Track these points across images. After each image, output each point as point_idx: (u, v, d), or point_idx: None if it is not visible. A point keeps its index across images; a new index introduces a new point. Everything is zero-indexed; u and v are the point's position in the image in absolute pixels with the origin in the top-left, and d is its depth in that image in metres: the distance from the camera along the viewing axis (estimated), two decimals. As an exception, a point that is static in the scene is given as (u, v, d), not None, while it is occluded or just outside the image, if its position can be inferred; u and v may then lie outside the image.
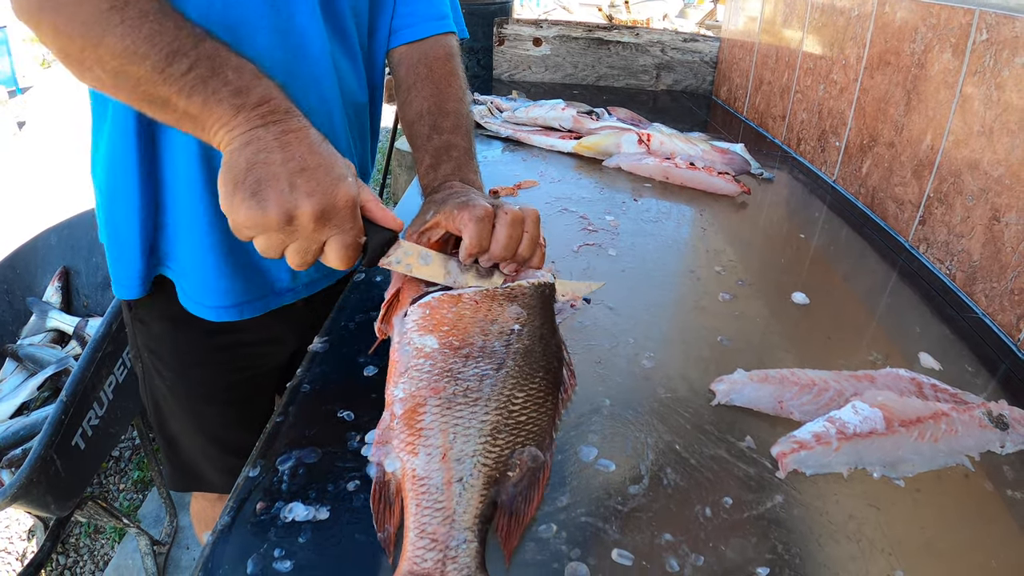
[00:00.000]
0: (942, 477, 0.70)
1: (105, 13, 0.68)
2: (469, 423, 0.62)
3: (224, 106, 0.67)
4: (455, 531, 0.55)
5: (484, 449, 0.61)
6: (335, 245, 0.67)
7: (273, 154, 0.65)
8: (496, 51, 2.42)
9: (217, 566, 0.55)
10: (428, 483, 0.58)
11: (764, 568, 0.57)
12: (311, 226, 0.65)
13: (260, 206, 0.64)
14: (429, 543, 0.55)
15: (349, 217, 0.67)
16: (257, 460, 0.65)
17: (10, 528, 2.17)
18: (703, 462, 0.68)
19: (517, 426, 0.64)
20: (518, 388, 0.66)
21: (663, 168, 1.43)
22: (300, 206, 0.64)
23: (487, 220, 0.76)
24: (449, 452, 0.60)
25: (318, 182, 0.65)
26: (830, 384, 0.77)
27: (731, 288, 1.02)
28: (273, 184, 0.64)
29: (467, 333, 0.70)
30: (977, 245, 1.09)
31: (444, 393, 0.64)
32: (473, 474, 0.59)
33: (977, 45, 1.11)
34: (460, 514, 0.56)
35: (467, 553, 0.54)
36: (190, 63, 0.67)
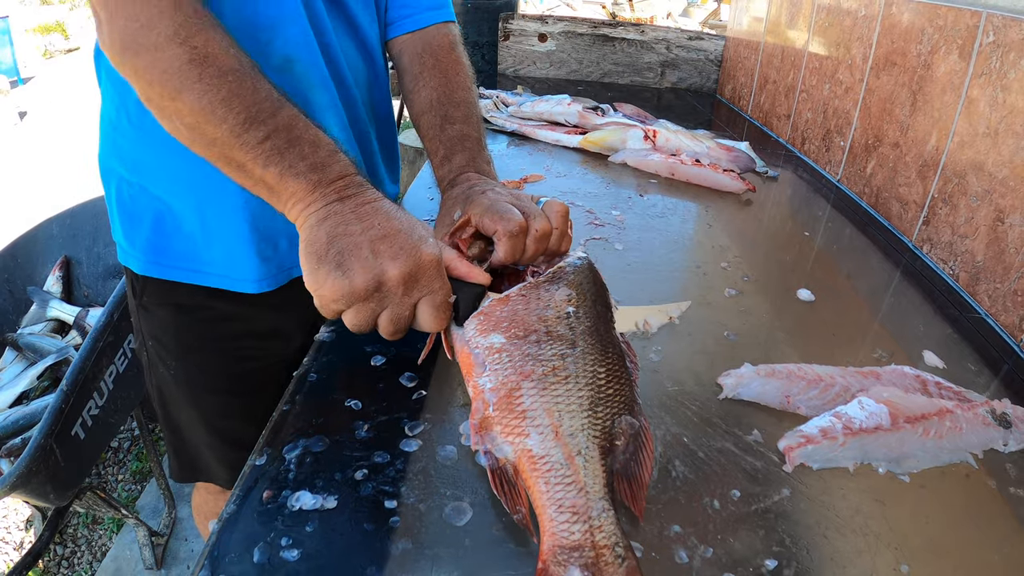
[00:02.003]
0: (946, 474, 0.70)
1: (185, 66, 0.68)
2: (569, 399, 0.63)
3: (301, 181, 0.68)
4: (592, 501, 0.56)
5: (590, 422, 0.62)
6: (426, 307, 0.67)
7: (352, 225, 0.66)
8: (501, 46, 2.42)
9: (223, 554, 0.55)
10: (551, 460, 0.59)
11: (772, 560, 0.57)
12: (399, 290, 0.65)
13: (346, 276, 0.64)
14: (571, 516, 0.55)
15: (436, 276, 0.67)
16: (264, 448, 0.65)
17: (8, 518, 2.17)
18: (711, 455, 0.68)
19: (608, 398, 0.65)
20: (599, 364, 0.67)
21: (669, 164, 1.43)
22: (386, 271, 0.64)
23: (521, 235, 0.77)
24: (560, 429, 0.61)
25: (400, 246, 0.65)
26: (836, 380, 0.78)
27: (737, 284, 1.02)
28: (356, 253, 0.64)
29: (527, 324, 0.70)
30: (981, 246, 1.09)
31: (535, 375, 0.65)
32: (589, 446, 0.60)
33: (984, 47, 1.11)
34: (591, 485, 0.57)
35: (609, 520, 0.55)
36: (267, 132, 0.68)
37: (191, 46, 0.68)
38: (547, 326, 0.70)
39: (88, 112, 0.98)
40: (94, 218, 2.16)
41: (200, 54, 0.68)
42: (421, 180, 1.31)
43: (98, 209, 2.16)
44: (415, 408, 0.71)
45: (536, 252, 0.79)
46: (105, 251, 2.16)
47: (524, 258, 0.79)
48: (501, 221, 0.76)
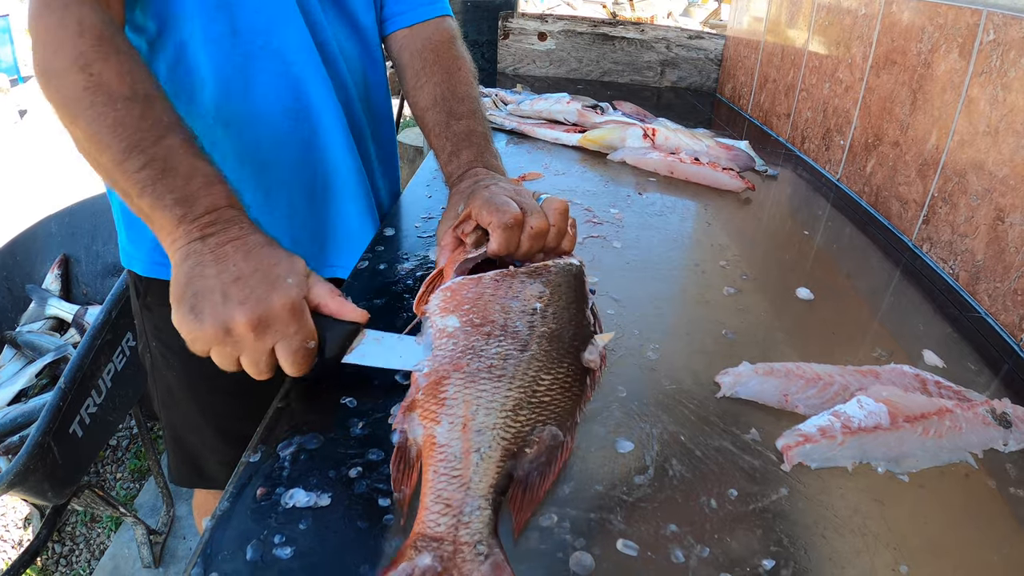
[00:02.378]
0: (945, 473, 0.70)
1: (80, 93, 0.70)
2: (492, 397, 0.63)
3: (167, 214, 0.68)
4: (469, 498, 0.56)
5: (504, 423, 0.62)
6: (282, 352, 0.65)
7: (208, 267, 0.65)
8: (501, 45, 2.41)
9: (216, 551, 0.54)
10: (447, 451, 0.59)
11: (769, 560, 0.57)
12: (249, 335, 0.63)
13: (198, 320, 0.63)
14: (444, 508, 0.56)
15: (290, 321, 0.64)
16: (258, 446, 0.65)
17: (6, 516, 2.17)
18: (708, 454, 0.67)
19: (540, 405, 0.64)
20: (544, 371, 0.67)
21: (668, 163, 1.42)
22: (234, 317, 0.63)
23: (515, 228, 0.77)
24: (470, 423, 0.61)
25: (251, 289, 0.64)
26: (835, 378, 0.77)
27: (735, 282, 1.02)
28: (208, 297, 0.64)
29: (488, 311, 0.71)
30: (981, 245, 1.09)
31: (467, 368, 0.66)
32: (491, 446, 0.60)
33: (984, 46, 1.11)
34: (476, 483, 0.57)
35: (480, 520, 0.55)
36: (144, 161, 0.68)
37: (88, 73, 0.70)
38: (507, 319, 0.71)
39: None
40: (93, 216, 2.16)
41: (95, 82, 0.70)
42: (419, 178, 1.31)
43: (97, 207, 2.16)
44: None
45: (531, 248, 0.79)
46: (104, 249, 2.16)
47: (520, 253, 0.79)
48: (496, 213, 0.76)
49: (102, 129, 0.69)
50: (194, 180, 0.69)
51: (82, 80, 0.70)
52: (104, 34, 0.73)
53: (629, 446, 0.67)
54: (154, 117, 0.71)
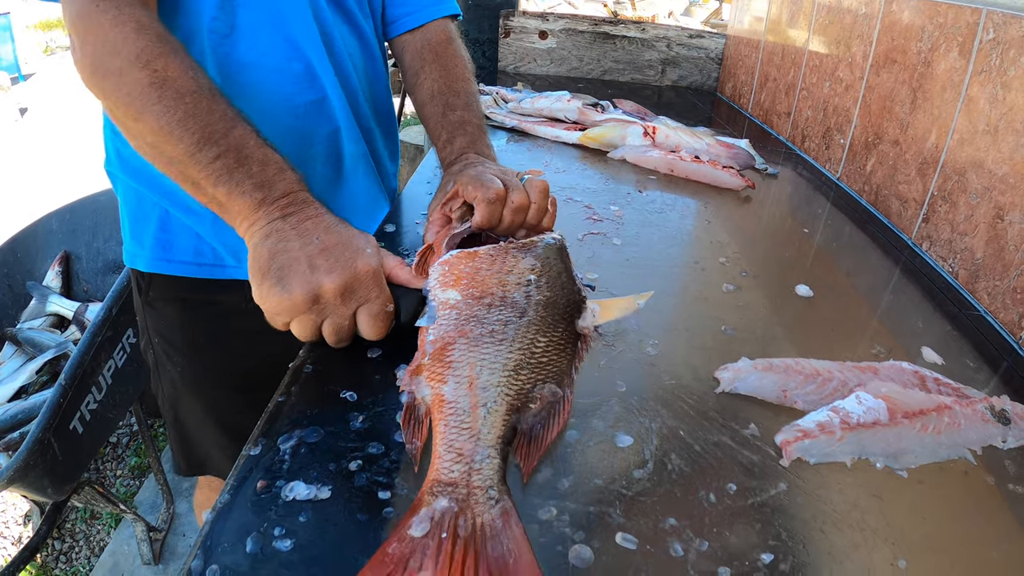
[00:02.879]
0: (944, 469, 0.70)
1: (146, 89, 0.72)
2: (495, 359, 0.69)
3: (247, 199, 0.72)
4: (479, 448, 0.61)
5: (507, 381, 0.67)
6: (364, 315, 0.70)
7: (292, 241, 0.69)
8: (502, 43, 2.41)
9: (216, 544, 0.54)
10: (456, 406, 0.64)
11: (768, 554, 0.57)
12: (337, 301, 0.68)
13: (286, 290, 0.67)
14: (456, 456, 0.60)
15: (373, 286, 0.70)
16: (258, 439, 0.65)
17: (6, 513, 2.17)
18: (707, 448, 0.67)
19: (539, 365, 0.70)
20: (541, 334, 0.73)
21: (668, 161, 1.42)
22: (323, 283, 0.67)
23: (498, 202, 0.83)
24: (475, 382, 0.66)
25: (336, 259, 0.68)
26: (834, 374, 0.77)
27: (735, 279, 1.02)
28: (295, 267, 0.68)
29: (486, 284, 0.76)
30: (980, 243, 1.09)
31: (471, 334, 0.71)
32: (496, 401, 0.65)
33: (984, 44, 1.11)
34: (484, 434, 0.62)
35: (490, 467, 0.59)
36: (219, 151, 0.72)
37: (152, 69, 0.72)
38: (504, 290, 0.76)
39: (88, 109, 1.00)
40: (94, 213, 2.16)
41: (160, 77, 0.72)
42: (420, 175, 1.31)
43: (98, 205, 2.16)
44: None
45: (513, 222, 0.85)
46: (104, 246, 2.16)
47: (501, 227, 0.86)
48: (481, 189, 0.83)
49: (172, 122, 0.71)
50: (269, 167, 0.73)
51: (146, 76, 0.72)
52: (161, 32, 0.75)
53: (628, 440, 0.67)
54: (221, 110, 0.74)
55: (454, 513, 0.54)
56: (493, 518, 0.55)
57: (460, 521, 0.54)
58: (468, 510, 0.55)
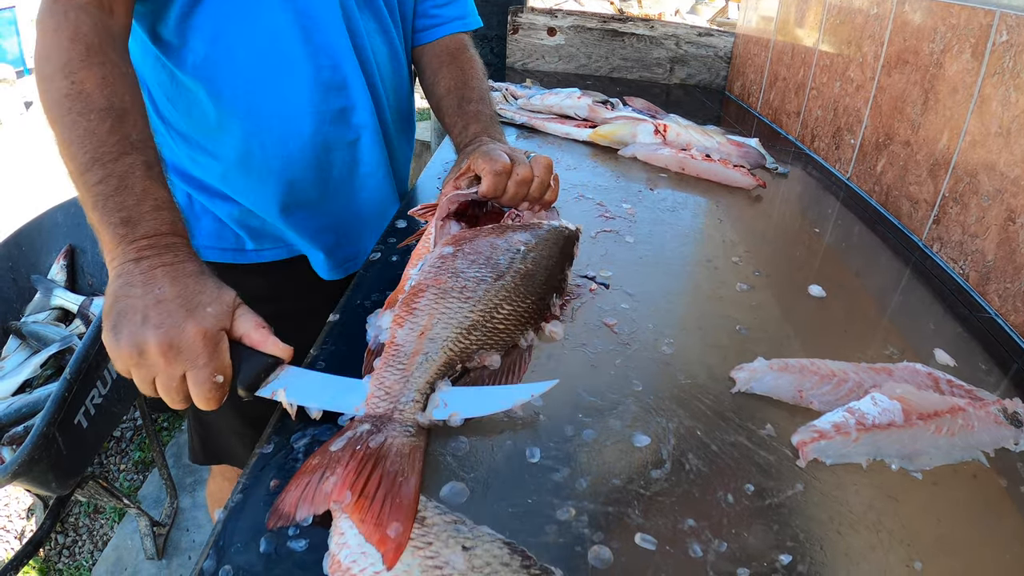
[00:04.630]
0: (958, 471, 0.70)
1: (62, 99, 0.72)
2: (453, 315, 0.72)
3: (111, 232, 0.68)
4: (407, 390, 0.65)
5: (456, 337, 0.70)
6: (192, 382, 0.64)
7: (135, 288, 0.65)
8: (510, 39, 2.41)
9: (229, 543, 0.54)
10: (399, 350, 0.69)
11: (786, 555, 0.57)
12: (160, 360, 0.63)
13: (116, 339, 0.64)
14: (384, 394, 0.65)
15: (200, 351, 0.64)
16: (271, 437, 0.65)
17: (9, 506, 2.17)
18: (724, 448, 0.67)
19: (493, 331, 0.73)
20: (507, 302, 0.75)
21: (679, 159, 1.42)
22: (147, 339, 0.63)
23: (503, 174, 0.88)
24: (427, 332, 0.70)
25: (169, 314, 0.64)
26: (849, 375, 0.77)
27: (748, 278, 1.02)
28: (129, 317, 0.64)
29: (478, 246, 0.80)
30: (991, 246, 1.09)
31: (443, 285, 0.74)
32: (438, 353, 0.69)
33: (997, 46, 1.10)
34: (415, 378, 0.66)
35: (412, 411, 0.64)
36: (101, 176, 0.69)
37: (71, 80, 0.72)
38: (492, 252, 0.80)
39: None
40: (99, 207, 2.15)
41: (76, 89, 0.72)
42: (430, 171, 1.31)
43: (103, 198, 2.15)
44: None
45: (516, 194, 0.90)
46: (109, 240, 2.15)
47: (505, 198, 0.90)
48: (489, 161, 0.88)
49: (73, 138, 0.71)
50: (144, 203, 0.70)
51: (65, 86, 0.72)
52: (94, 43, 0.75)
53: (646, 440, 0.67)
54: (122, 132, 0.72)
55: (371, 433, 0.60)
56: (402, 444, 0.60)
57: (373, 438, 0.60)
58: (383, 431, 0.60)
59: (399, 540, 0.52)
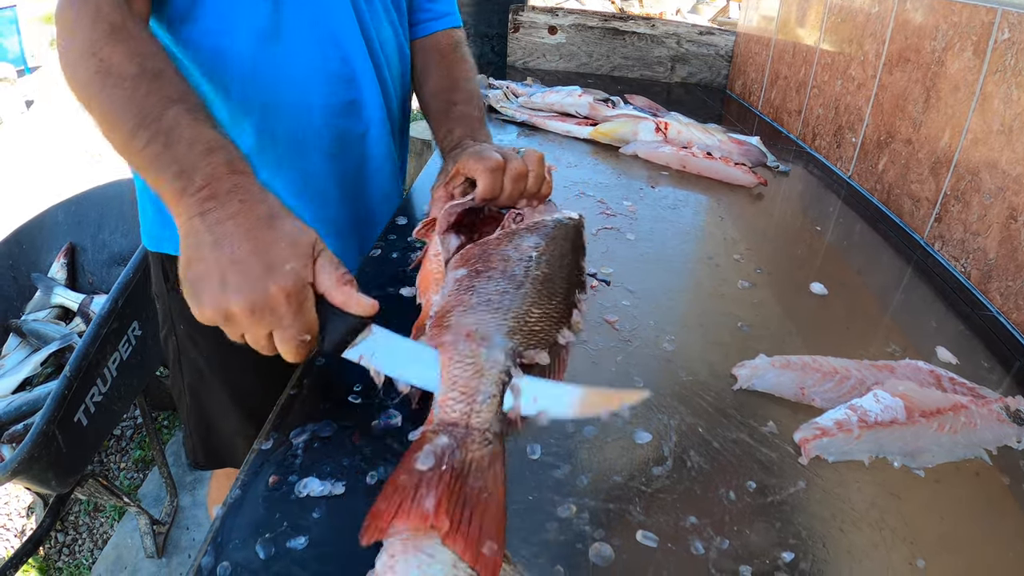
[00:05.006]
0: (960, 469, 0.70)
1: (93, 76, 0.72)
2: (490, 323, 0.70)
3: (169, 189, 0.66)
4: (483, 385, 0.62)
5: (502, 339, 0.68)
6: (278, 340, 0.62)
7: (205, 248, 0.62)
8: (511, 38, 2.41)
9: (227, 540, 0.54)
10: (459, 347, 0.66)
11: (789, 553, 0.56)
12: (247, 322, 0.61)
13: (199, 304, 0.62)
14: (459, 395, 0.62)
15: (286, 311, 0.61)
16: (270, 433, 0.64)
17: (9, 505, 2.16)
18: (726, 445, 0.67)
19: (531, 333, 0.71)
20: (535, 305, 0.74)
21: (680, 157, 1.42)
22: (230, 304, 0.60)
23: (498, 171, 0.85)
24: (474, 334, 0.68)
25: (247, 275, 0.60)
26: (851, 373, 0.77)
27: (749, 276, 1.01)
28: (207, 281, 0.61)
29: (490, 261, 0.79)
30: (993, 244, 1.08)
31: (468, 303, 0.73)
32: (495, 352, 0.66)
33: (999, 44, 1.10)
34: (488, 370, 0.64)
35: (489, 409, 0.61)
36: (149, 136, 0.67)
37: (99, 59, 0.72)
38: (505, 265, 0.78)
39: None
40: (99, 205, 2.16)
41: (104, 66, 0.71)
42: (431, 169, 1.31)
43: (104, 197, 2.15)
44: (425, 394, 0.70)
45: (514, 191, 0.87)
46: (110, 238, 2.16)
47: (503, 197, 0.87)
48: (481, 161, 0.85)
49: (114, 109, 0.70)
50: (194, 149, 0.67)
51: (93, 64, 0.71)
52: (117, 21, 0.74)
53: (647, 437, 0.67)
54: (160, 92, 0.70)
55: (452, 448, 0.58)
56: (482, 456, 0.58)
57: (456, 455, 0.57)
58: (464, 447, 0.58)
59: (495, 558, 0.51)
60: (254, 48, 0.94)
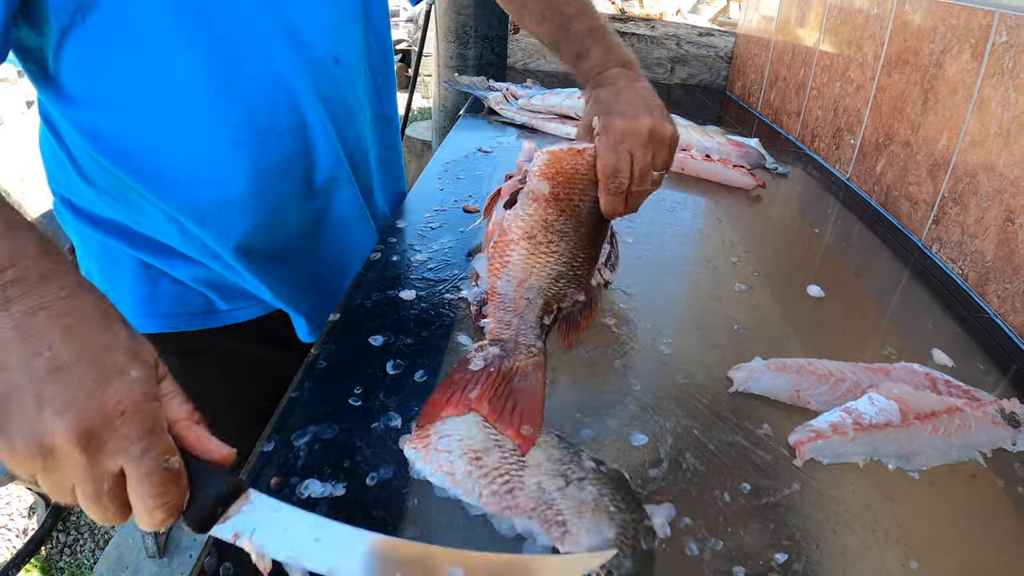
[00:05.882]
0: (954, 472, 0.70)
1: None
2: (543, 268, 0.79)
3: None
4: (523, 323, 0.77)
5: (547, 286, 0.79)
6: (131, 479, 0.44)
7: (11, 353, 0.43)
8: (511, 40, 2.41)
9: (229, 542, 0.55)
10: (505, 298, 0.79)
11: (782, 554, 0.57)
12: (80, 458, 0.42)
13: (6, 438, 0.42)
14: (504, 326, 0.77)
15: (135, 431, 0.43)
16: (272, 435, 0.65)
17: (11, 505, 2.17)
18: (721, 448, 0.68)
19: (574, 277, 0.81)
20: (582, 250, 0.81)
21: (679, 159, 1.42)
22: (52, 432, 0.42)
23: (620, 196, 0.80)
24: (523, 283, 0.79)
25: (77, 386, 0.43)
26: (847, 375, 0.78)
27: (747, 279, 1.02)
28: (16, 401, 0.42)
29: (571, 188, 0.80)
30: (991, 246, 1.09)
31: (535, 239, 0.80)
32: (536, 299, 0.78)
33: (996, 47, 1.11)
34: (526, 315, 0.77)
35: (532, 334, 0.76)
36: None
37: None
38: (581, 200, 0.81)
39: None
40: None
41: None
42: (431, 171, 1.31)
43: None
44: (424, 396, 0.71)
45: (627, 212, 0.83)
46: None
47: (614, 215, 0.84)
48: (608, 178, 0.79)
49: None
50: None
51: None
52: None
53: (643, 439, 0.67)
54: None
55: (501, 357, 0.72)
56: (526, 365, 0.72)
57: (504, 363, 0.71)
58: (511, 356, 0.72)
59: (530, 438, 0.63)
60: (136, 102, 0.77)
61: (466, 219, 1.10)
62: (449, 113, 2.51)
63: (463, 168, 1.33)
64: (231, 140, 0.81)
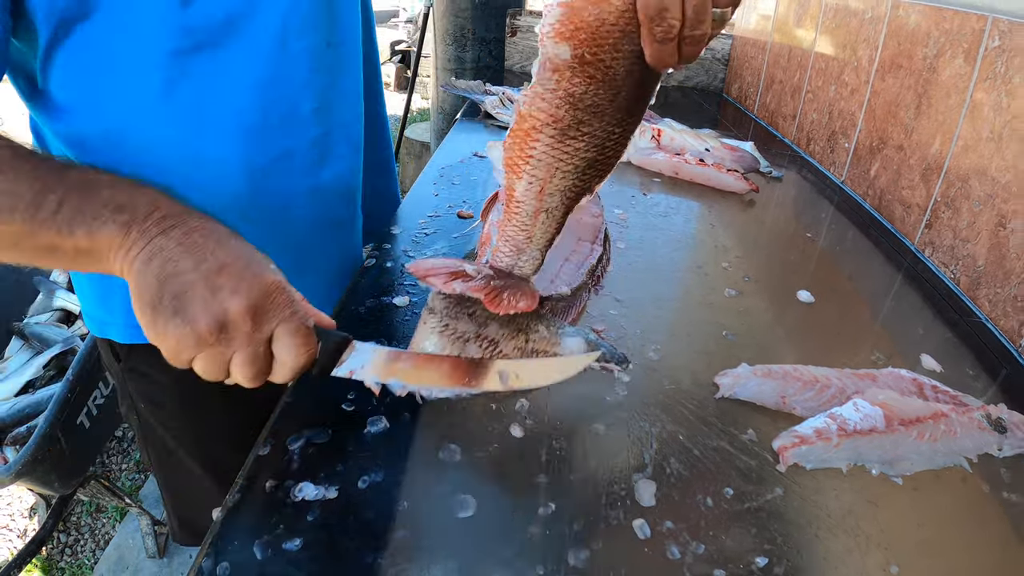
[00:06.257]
0: (940, 477, 0.71)
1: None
2: (571, 159, 0.65)
3: (111, 228, 0.58)
4: (530, 248, 0.74)
5: (573, 185, 0.68)
6: (283, 336, 0.59)
7: (182, 262, 0.57)
8: (508, 43, 2.42)
9: (226, 543, 0.56)
10: (522, 207, 0.70)
11: (763, 558, 0.58)
12: (248, 325, 0.57)
13: (187, 322, 0.56)
14: (509, 250, 0.74)
15: (286, 302, 0.59)
16: (267, 439, 0.66)
17: (12, 506, 2.19)
18: (706, 453, 0.69)
19: (604, 164, 0.67)
20: (616, 125, 0.64)
21: (673, 163, 1.43)
22: (230, 307, 0.56)
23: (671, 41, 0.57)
24: (547, 186, 0.68)
25: (240, 276, 0.57)
26: (832, 381, 0.78)
27: (737, 284, 1.03)
28: (193, 292, 0.56)
29: (601, 48, 0.59)
30: (982, 250, 1.09)
31: (561, 123, 0.63)
32: (558, 207, 0.70)
33: (989, 51, 1.11)
34: (537, 238, 0.73)
35: (531, 266, 0.75)
36: (59, 198, 0.58)
37: None
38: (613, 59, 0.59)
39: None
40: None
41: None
42: (426, 176, 1.32)
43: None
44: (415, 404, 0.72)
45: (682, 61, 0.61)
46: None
47: None
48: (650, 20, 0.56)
49: None
50: (121, 187, 0.60)
51: None
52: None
53: (628, 444, 0.68)
54: (48, 162, 0.61)
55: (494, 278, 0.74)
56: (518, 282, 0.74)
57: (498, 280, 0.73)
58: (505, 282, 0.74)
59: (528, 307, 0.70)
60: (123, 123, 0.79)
61: (460, 225, 1.11)
62: (447, 115, 2.52)
63: (458, 173, 1.34)
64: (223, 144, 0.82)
